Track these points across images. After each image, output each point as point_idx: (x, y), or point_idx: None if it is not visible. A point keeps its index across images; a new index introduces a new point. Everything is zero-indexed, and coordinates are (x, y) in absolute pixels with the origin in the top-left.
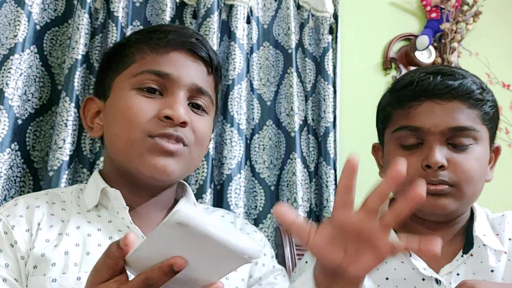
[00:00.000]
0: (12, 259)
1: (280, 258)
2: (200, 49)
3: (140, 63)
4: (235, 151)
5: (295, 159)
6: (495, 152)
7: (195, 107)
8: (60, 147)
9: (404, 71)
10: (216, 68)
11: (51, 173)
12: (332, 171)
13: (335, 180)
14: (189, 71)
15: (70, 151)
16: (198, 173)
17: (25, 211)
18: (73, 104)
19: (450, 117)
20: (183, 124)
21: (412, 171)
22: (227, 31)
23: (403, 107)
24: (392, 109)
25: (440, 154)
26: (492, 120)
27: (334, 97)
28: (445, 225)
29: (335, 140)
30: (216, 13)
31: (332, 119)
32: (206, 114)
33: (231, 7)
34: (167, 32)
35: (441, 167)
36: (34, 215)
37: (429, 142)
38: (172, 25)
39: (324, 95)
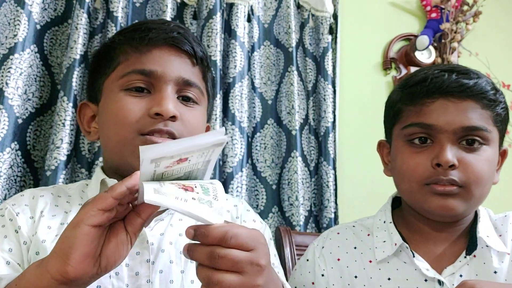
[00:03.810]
0: (16, 244)
1: (280, 258)
2: (183, 43)
3: (125, 64)
4: (236, 149)
5: (296, 157)
6: (502, 155)
7: (185, 99)
8: (58, 147)
9: (404, 71)
10: (202, 58)
11: (48, 173)
12: (333, 171)
13: (335, 180)
14: (173, 65)
15: (67, 151)
16: None
17: (30, 201)
18: (71, 104)
19: (463, 116)
20: (173, 118)
21: (421, 169)
22: (227, 30)
23: (415, 104)
24: (404, 105)
25: (452, 153)
26: (503, 122)
27: (334, 97)
28: (449, 226)
29: (335, 140)
30: (218, 14)
31: (332, 119)
32: (197, 105)
33: (231, 5)
34: (148, 30)
35: (452, 166)
36: (38, 204)
37: (441, 140)
38: (153, 20)
39: (325, 95)
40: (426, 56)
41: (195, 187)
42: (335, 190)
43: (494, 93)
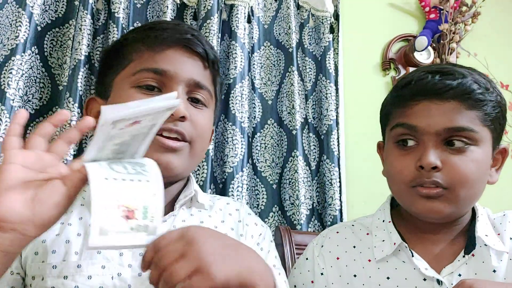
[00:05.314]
0: None
1: (280, 257)
2: (196, 45)
3: (137, 62)
4: (236, 149)
5: (297, 156)
6: (503, 153)
7: (194, 101)
8: None
9: (403, 71)
10: (213, 62)
11: None
12: (336, 168)
13: (339, 178)
14: (186, 66)
15: (74, 151)
16: (199, 174)
17: None
18: (76, 105)
19: (446, 117)
20: (183, 118)
21: (406, 171)
22: (227, 31)
23: (401, 106)
24: (392, 107)
25: (434, 155)
26: (495, 121)
27: (336, 95)
28: (447, 225)
29: (338, 138)
30: (216, 15)
31: (334, 117)
32: (206, 108)
33: (231, 7)
34: (162, 30)
35: (435, 168)
36: None
37: (424, 142)
38: (167, 21)
39: (326, 93)
40: (425, 56)
41: (137, 210)
42: (340, 187)
43: (481, 92)
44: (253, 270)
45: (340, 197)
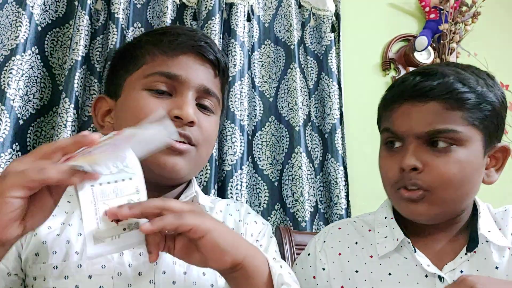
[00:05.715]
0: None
1: (280, 257)
2: (209, 52)
3: (150, 65)
4: (235, 147)
5: (300, 153)
6: (503, 152)
7: (202, 107)
8: None
9: (403, 71)
10: (223, 70)
11: None
12: (342, 167)
13: (345, 176)
14: (197, 73)
15: None
16: (202, 174)
17: None
18: (72, 105)
19: (425, 120)
20: (191, 123)
21: (391, 174)
22: (227, 29)
23: (387, 109)
24: (381, 111)
25: (414, 157)
26: (485, 120)
27: (339, 94)
28: (447, 223)
29: (342, 137)
30: (217, 15)
31: (338, 116)
32: (213, 114)
33: (231, 5)
34: (177, 35)
35: (415, 170)
36: None
37: (406, 144)
38: (181, 27)
39: (329, 92)
40: (425, 56)
41: None
42: (346, 186)
43: (464, 91)
44: (239, 246)
45: (346, 196)
